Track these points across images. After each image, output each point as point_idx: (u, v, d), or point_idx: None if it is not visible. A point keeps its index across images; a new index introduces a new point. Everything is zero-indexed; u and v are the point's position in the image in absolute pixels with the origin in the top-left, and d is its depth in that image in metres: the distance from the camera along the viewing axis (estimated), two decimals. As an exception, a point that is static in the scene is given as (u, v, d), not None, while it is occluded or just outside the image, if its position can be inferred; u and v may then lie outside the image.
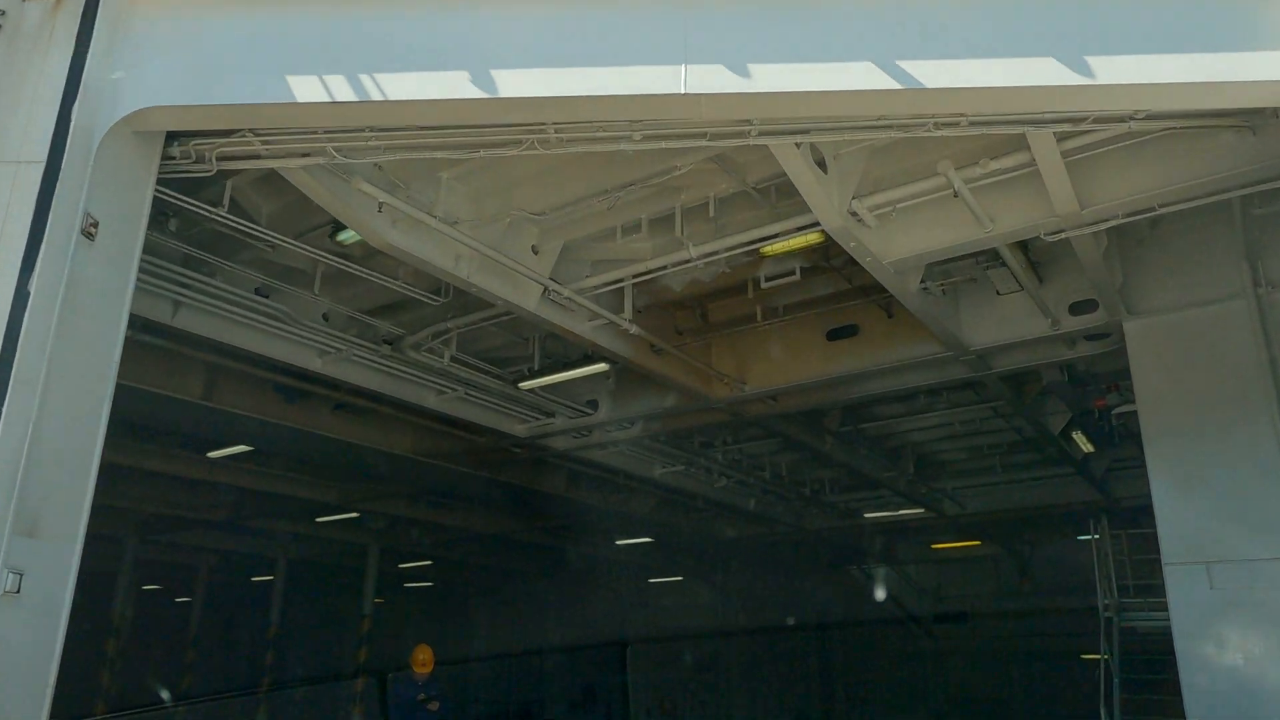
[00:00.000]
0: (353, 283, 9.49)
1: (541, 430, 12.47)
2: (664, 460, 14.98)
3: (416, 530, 21.53)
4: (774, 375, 10.68)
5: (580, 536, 21.62)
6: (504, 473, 15.14)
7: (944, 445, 16.03)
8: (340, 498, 17.01)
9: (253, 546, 22.94)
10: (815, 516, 19.91)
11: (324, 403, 12.57)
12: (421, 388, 11.09)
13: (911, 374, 10.64)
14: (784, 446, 16.15)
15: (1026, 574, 23.69)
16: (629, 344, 9.63)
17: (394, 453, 13.53)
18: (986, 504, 18.13)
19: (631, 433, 12.69)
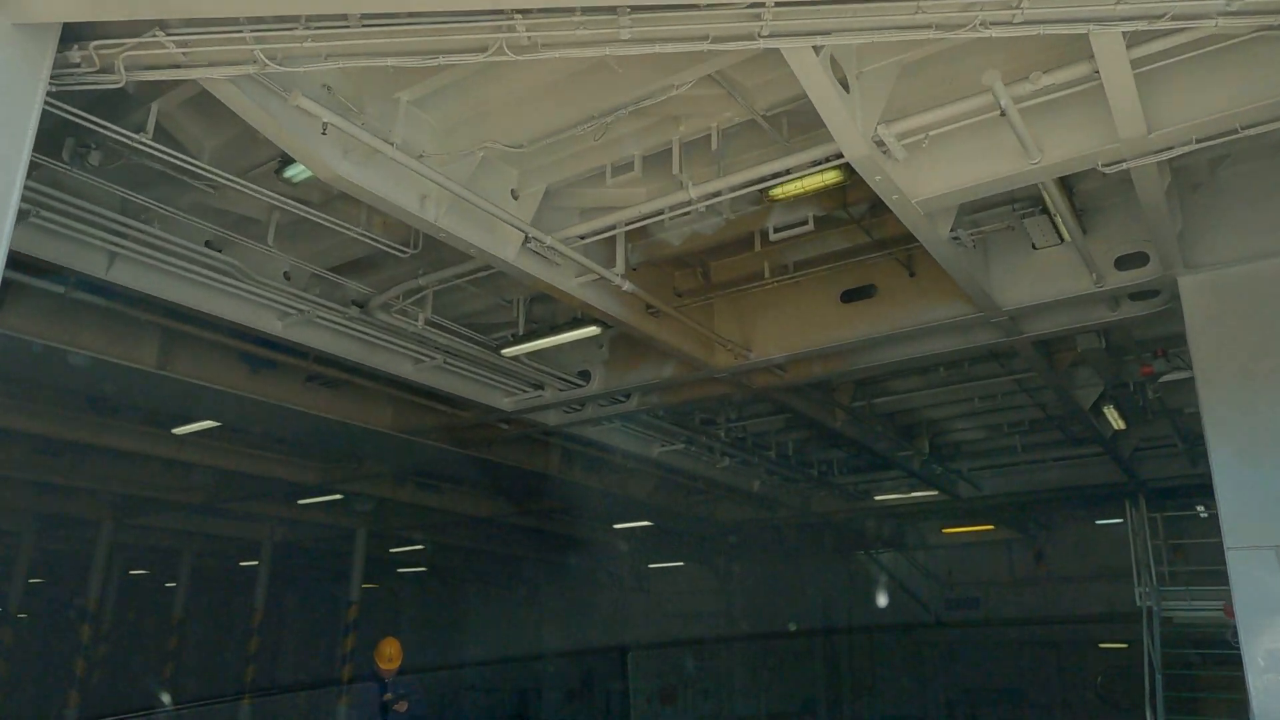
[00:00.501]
0: (314, 235, 8.54)
1: (529, 404, 11.52)
2: (663, 438, 14.04)
3: (405, 514, 20.62)
4: (782, 341, 9.70)
5: (576, 520, 20.71)
6: (492, 452, 14.20)
7: (961, 423, 15.07)
8: (321, 478, 16.08)
9: (232, 530, 22.08)
10: (823, 500, 18.99)
11: (294, 374, 11.62)
12: (396, 355, 10.14)
13: (934, 339, 9.66)
14: (791, 424, 15.22)
15: (1042, 559, 22.78)
16: (622, 304, 8.67)
17: (373, 429, 12.59)
18: (1003, 486, 17.20)
19: (627, 407, 11.74)
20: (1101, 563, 21.65)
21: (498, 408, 11.57)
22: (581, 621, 30.28)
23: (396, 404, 12.80)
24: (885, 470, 17.28)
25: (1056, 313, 8.98)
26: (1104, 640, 21.09)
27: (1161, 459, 15.51)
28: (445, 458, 13.93)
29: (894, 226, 8.63)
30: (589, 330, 9.23)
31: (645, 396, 11.62)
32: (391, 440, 13.01)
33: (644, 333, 9.07)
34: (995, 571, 23.46)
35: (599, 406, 11.95)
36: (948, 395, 13.57)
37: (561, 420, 12.30)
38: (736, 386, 10.80)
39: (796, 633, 26.04)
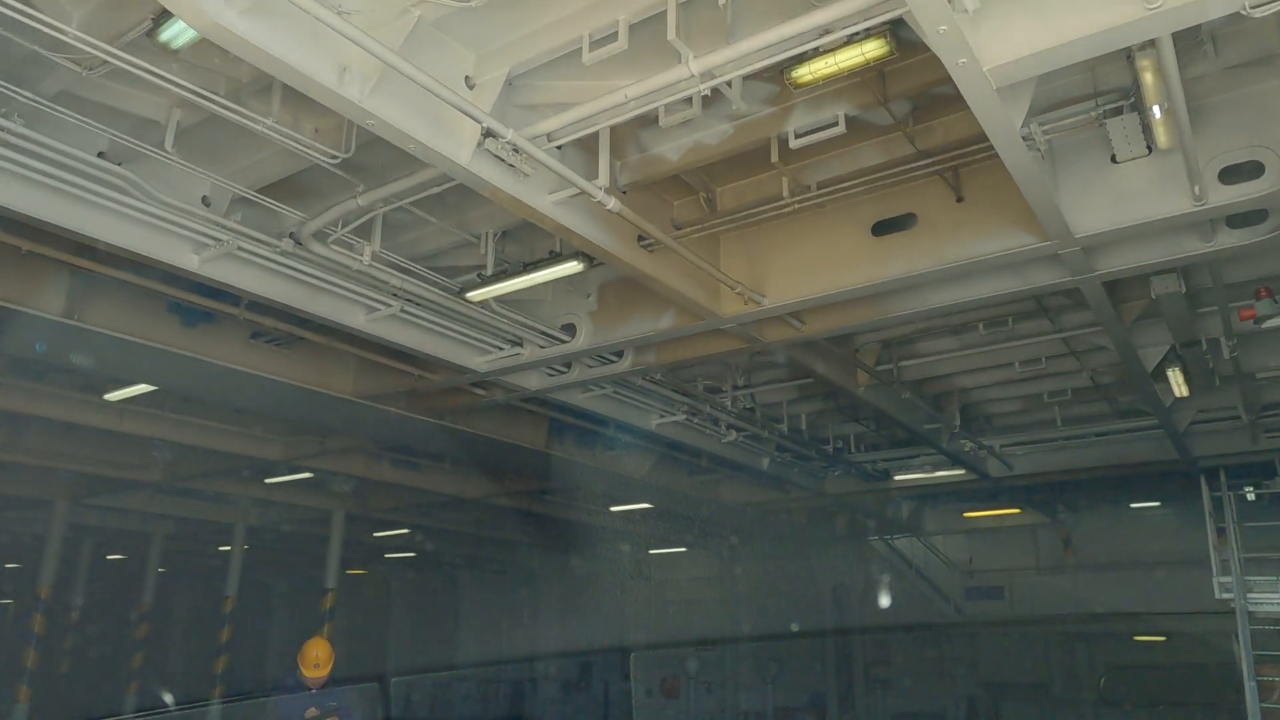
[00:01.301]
0: (230, 146, 7.00)
1: (506, 365, 9.96)
2: (662, 408, 12.50)
3: (385, 495, 19.17)
4: (801, 284, 8.13)
5: (569, 502, 19.22)
6: (470, 423, 12.68)
7: (997, 392, 13.50)
8: (284, 454, 14.58)
9: (203, 512, 20.63)
10: (837, 481, 17.45)
11: (236, 329, 10.08)
12: (343, 301, 8.59)
13: (984, 280, 8.09)
14: (806, 393, 13.69)
15: (1070, 545, 21.26)
16: (609, 231, 7.11)
17: (332, 394, 11.07)
18: (1037, 465, 15.63)
19: (619, 368, 10.18)
20: (1137, 549, 20.17)
21: (470, 368, 10.02)
22: (578, 610, 28.83)
23: (359, 366, 11.27)
24: (908, 447, 15.76)
25: (1137, 244, 7.41)
26: (1139, 633, 19.59)
27: (1221, 434, 13.95)
28: (418, 430, 12.40)
29: (942, 134, 7.10)
30: (569, 266, 7.67)
31: (640, 355, 10.06)
32: (355, 409, 11.48)
33: (636, 270, 7.51)
34: (1020, 559, 21.95)
35: (586, 368, 10.41)
36: (985, 359, 11.99)
37: (544, 384, 10.76)
38: (746, 341, 9.23)
39: (805, 623, 24.56)
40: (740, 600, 25.99)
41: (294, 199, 7.60)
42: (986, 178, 7.37)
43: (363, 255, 7.64)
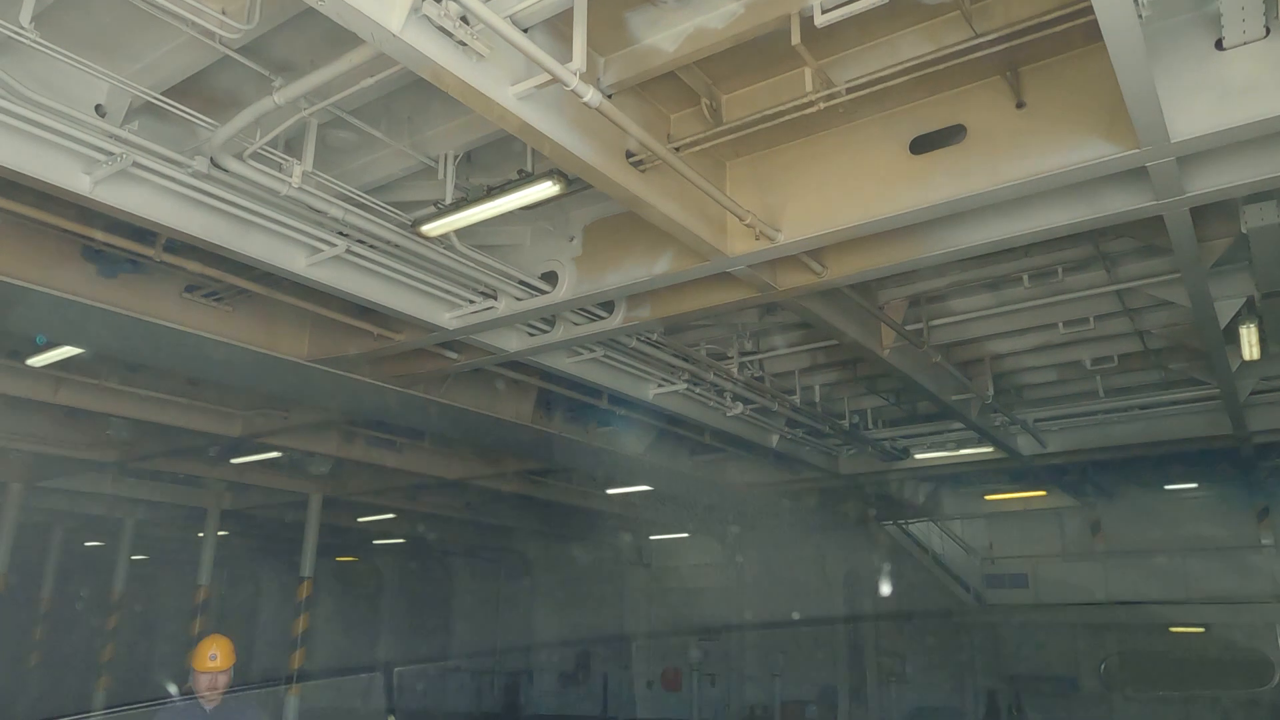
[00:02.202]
0: (124, 36, 5.65)
1: (479, 321, 8.59)
2: (661, 375, 11.13)
3: (365, 476, 17.86)
4: (823, 215, 6.75)
5: (562, 483, 17.91)
6: (448, 394, 11.35)
7: (1033, 359, 12.12)
8: (245, 429, 13.25)
9: (175, 496, 19.36)
10: (852, 460, 16.09)
11: (165, 280, 8.74)
12: (278, 239, 7.21)
13: (1045, 209, 6.71)
14: (820, 362, 12.33)
15: (1100, 530, 19.92)
16: (589, 138, 5.73)
17: (284, 358, 9.71)
18: (1072, 442, 14.26)
19: (609, 324, 8.81)
20: (1172, 534, 18.86)
21: (437, 325, 8.65)
22: (574, 600, 27.59)
23: (315, 326, 9.91)
24: (930, 422, 14.42)
25: (1239, 158, 6.03)
26: (1176, 624, 18.27)
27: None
28: (387, 401, 11.06)
29: (1003, 13, 5.69)
30: (542, 189, 6.27)
31: (633, 308, 8.70)
32: (311, 376, 10.13)
33: (625, 192, 6.14)
34: (1045, 545, 20.62)
35: (572, 326, 9.03)
36: (1025, 318, 10.63)
37: (525, 346, 9.39)
38: (757, 290, 7.86)
39: (814, 613, 23.28)
40: (746, 589, 24.72)
41: (212, 110, 6.23)
42: (1054, 76, 6.01)
43: (291, 176, 6.26)
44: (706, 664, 24.51)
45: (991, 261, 9.29)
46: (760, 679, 23.71)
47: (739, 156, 7.19)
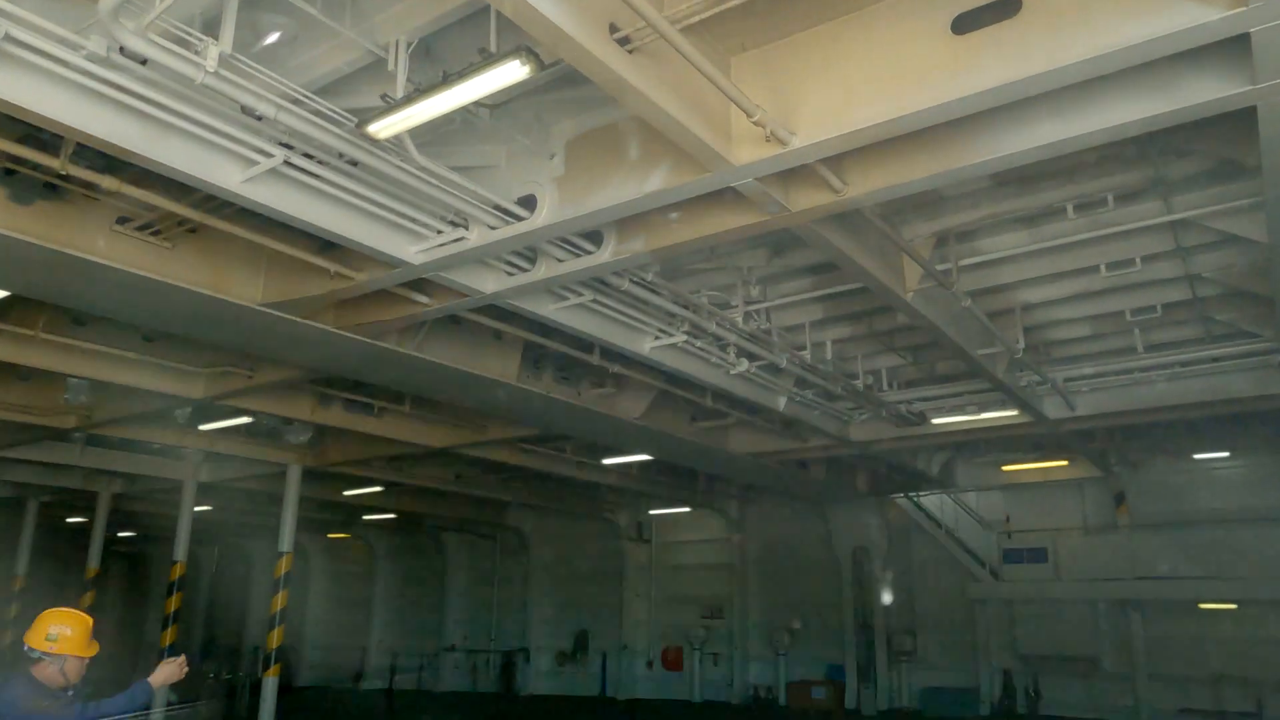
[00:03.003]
0: None
1: (449, 255, 7.51)
2: (658, 326, 10.05)
3: (346, 445, 16.85)
4: (846, 111, 5.65)
5: (556, 453, 16.89)
6: (424, 348, 10.28)
7: (1067, 310, 11.05)
8: (207, 390, 12.21)
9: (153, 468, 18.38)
10: (864, 426, 15.02)
11: (93, 210, 7.68)
12: (203, 147, 6.09)
13: (1113, 101, 5.60)
14: (833, 314, 11.27)
15: (1125, 502, 18.88)
16: (563, 5, 4.64)
17: (233, 302, 8.64)
18: (1103, 404, 13.16)
19: (598, 259, 7.73)
20: (1200, 506, 17.84)
21: (403, 260, 7.57)
22: (572, 577, 26.67)
23: (271, 267, 8.85)
24: (950, 383, 13.37)
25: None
26: (1206, 600, 17.27)
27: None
28: (355, 355, 10.00)
29: None
30: (507, 70, 5.15)
31: (624, 239, 7.61)
32: (270, 325, 9.06)
33: (609, 74, 5.04)
34: (1065, 518, 19.59)
35: (555, 263, 7.95)
36: (1064, 259, 9.56)
37: (502, 286, 8.31)
38: (765, 212, 6.77)
39: (821, 589, 22.33)
40: (750, 564, 23.77)
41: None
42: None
43: (206, 58, 5.17)
44: (709, 643, 23.61)
45: (1032, 188, 8.21)
46: (765, 658, 22.80)
47: (746, 50, 6.10)
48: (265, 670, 16.40)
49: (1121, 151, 7.63)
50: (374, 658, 29.41)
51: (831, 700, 20.94)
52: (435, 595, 28.97)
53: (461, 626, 28.40)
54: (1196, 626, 17.66)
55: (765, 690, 22.45)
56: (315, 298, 8.50)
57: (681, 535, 25.09)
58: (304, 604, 31.61)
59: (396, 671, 29.02)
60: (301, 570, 31.84)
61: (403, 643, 29.25)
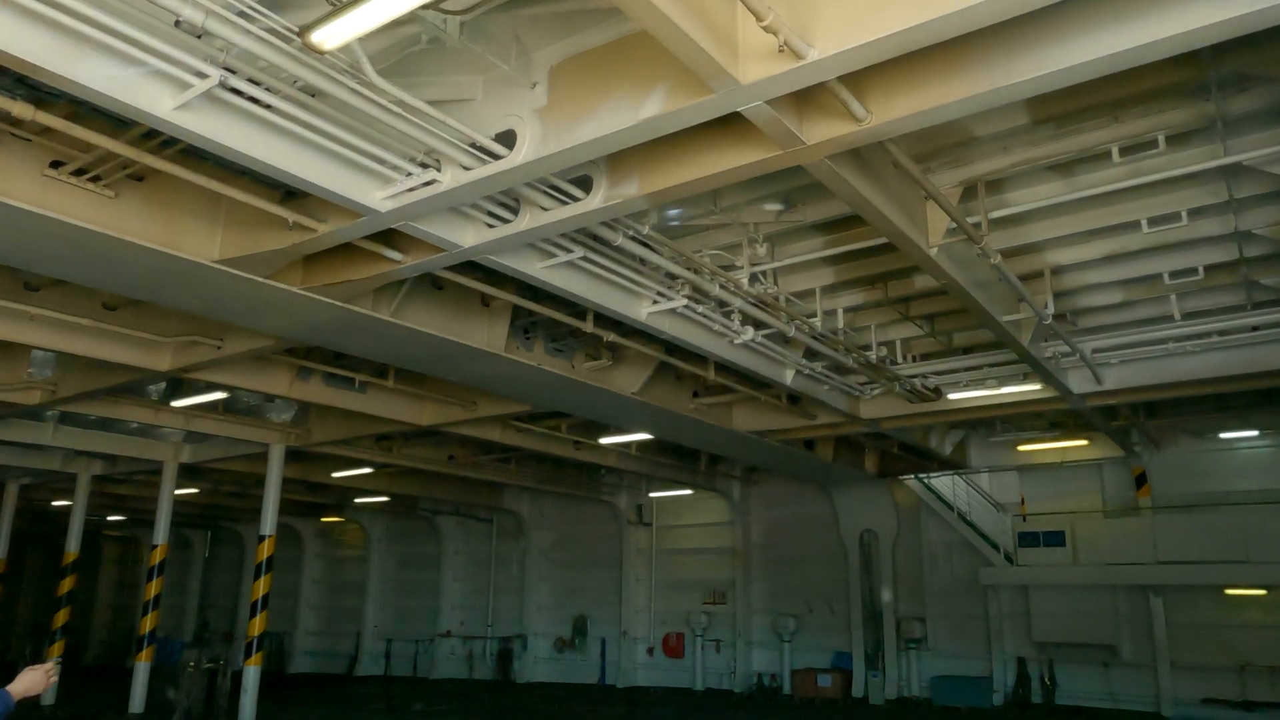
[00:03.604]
0: None
1: (420, 199, 6.66)
2: (657, 289, 9.22)
3: (331, 423, 16.06)
4: (873, 16, 4.82)
5: (550, 430, 16.09)
6: (403, 313, 9.46)
7: (1101, 271, 10.24)
8: (175, 362, 11.39)
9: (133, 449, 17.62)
10: (876, 403, 14.20)
11: (22, 152, 6.86)
12: (125, 67, 5.27)
13: (1168, 10, 4.76)
14: (845, 278, 10.46)
15: (1145, 483, 18.08)
16: None
17: (186, 259, 7.81)
18: (1132, 377, 12.32)
19: (587, 206, 6.90)
20: (1226, 488, 17.05)
21: (368, 206, 6.73)
22: (572, 560, 25.94)
23: (230, 220, 8.03)
24: (969, 355, 12.57)
25: None
26: (1232, 585, 16.50)
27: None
28: (326, 320, 9.17)
29: None
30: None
31: (616, 183, 6.78)
32: (228, 286, 8.24)
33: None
34: (1082, 500, 18.79)
35: (540, 212, 7.12)
36: (1101, 214, 8.76)
37: (482, 239, 7.48)
38: (777, 145, 5.93)
39: (828, 574, 21.59)
40: (753, 548, 23.02)
41: None
42: None
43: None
44: (711, 629, 22.89)
45: (1072, 127, 7.37)
46: (769, 645, 22.07)
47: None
48: (246, 659, 15.63)
49: (1179, 80, 6.76)
50: (369, 644, 28.75)
51: (838, 689, 20.22)
52: (431, 580, 28.26)
53: (458, 612, 27.70)
54: (1221, 613, 16.89)
55: (769, 678, 21.72)
56: (276, 253, 7.67)
57: (683, 518, 24.34)
58: (297, 589, 31.03)
59: (392, 658, 28.39)
60: (295, 555, 31.34)
61: (398, 629, 28.59)
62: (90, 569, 36.20)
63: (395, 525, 29.72)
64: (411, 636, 28.07)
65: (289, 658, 30.46)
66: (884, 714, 18.61)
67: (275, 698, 20.97)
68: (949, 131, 7.46)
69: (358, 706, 19.87)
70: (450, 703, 20.70)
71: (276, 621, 31.28)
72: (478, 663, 26.62)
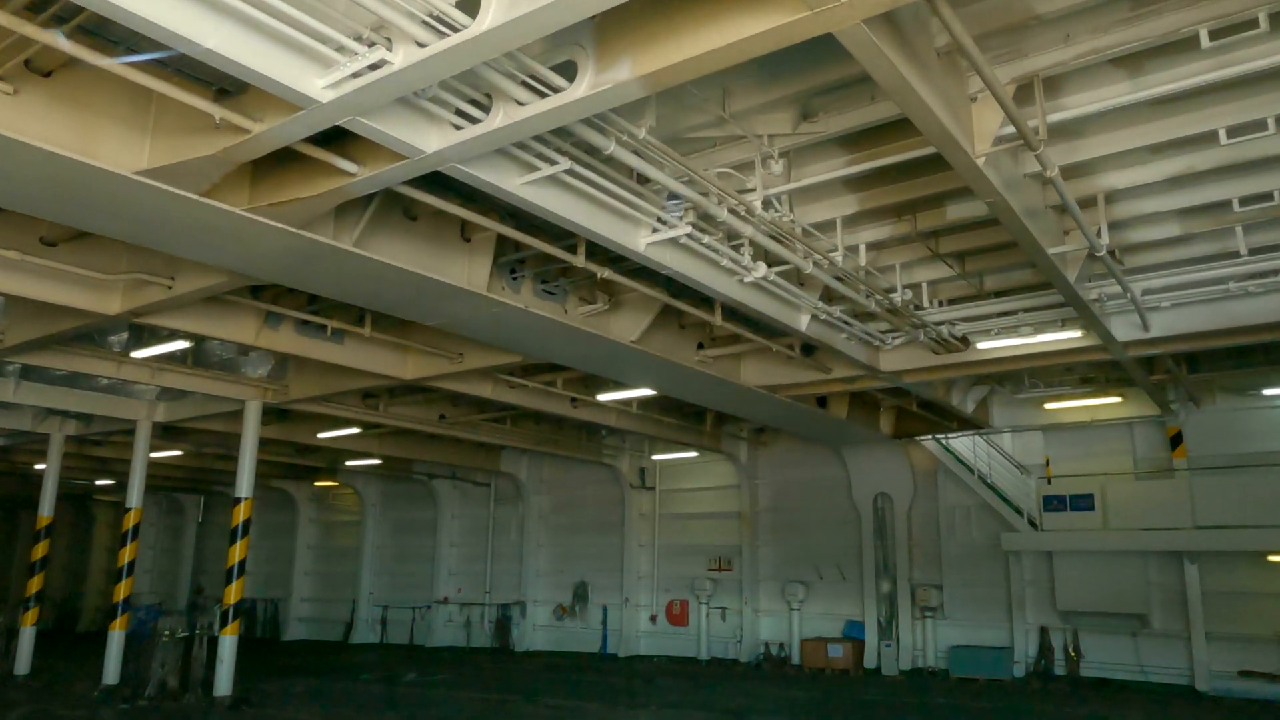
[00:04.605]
0: None
1: (369, 83, 5.50)
2: (656, 212, 8.05)
3: (309, 376, 15.00)
4: None
5: (545, 386, 14.99)
6: (369, 243, 8.33)
7: (1160, 197, 9.06)
8: (125, 304, 10.29)
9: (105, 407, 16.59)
10: (896, 354, 13.08)
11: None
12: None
13: None
14: (869, 208, 9.29)
15: (1181, 443, 16.98)
16: None
17: (111, 171, 6.66)
18: (1185, 322, 11.15)
19: (571, 97, 5.72)
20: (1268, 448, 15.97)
21: (308, 96, 5.57)
22: (572, 525, 24.99)
23: (160, 126, 6.88)
24: (1002, 298, 11.42)
25: None
26: (1274, 551, 15.45)
27: None
28: (277, 249, 8.01)
29: None
30: None
31: (605, 68, 5.60)
32: (163, 205, 7.10)
33: None
34: (1113, 461, 17.69)
35: (516, 107, 5.95)
36: (1170, 125, 7.55)
37: (449, 142, 6.31)
38: (803, 4, 4.75)
39: (839, 540, 20.60)
40: (761, 512, 22.02)
41: None
42: None
43: None
44: (717, 596, 21.96)
45: (1154, 5, 6.16)
46: (777, 613, 21.14)
47: None
48: (223, 627, 14.69)
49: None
50: (365, 611, 27.95)
51: (850, 659, 19.30)
52: (428, 546, 27.38)
53: (455, 579, 26.84)
54: (1261, 580, 15.85)
55: (778, 647, 20.81)
56: (207, 161, 6.51)
57: (687, 482, 23.34)
58: (291, 555, 30.22)
59: (388, 625, 27.61)
60: (289, 520, 30.49)
61: (394, 596, 27.78)
62: (83, 534, 35.55)
63: (390, 489, 28.80)
64: (408, 603, 27.26)
65: (284, 625, 29.74)
66: (898, 685, 17.67)
67: (263, 666, 20.17)
68: (1007, 9, 6.27)
69: (346, 676, 19.00)
70: (445, 672, 19.84)
71: (271, 588, 30.60)
72: (475, 630, 25.80)
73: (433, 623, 26.47)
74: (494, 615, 25.43)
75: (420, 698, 15.98)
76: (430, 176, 7.70)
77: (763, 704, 15.19)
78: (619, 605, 23.31)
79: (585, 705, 14.93)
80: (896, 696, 16.20)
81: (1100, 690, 16.58)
